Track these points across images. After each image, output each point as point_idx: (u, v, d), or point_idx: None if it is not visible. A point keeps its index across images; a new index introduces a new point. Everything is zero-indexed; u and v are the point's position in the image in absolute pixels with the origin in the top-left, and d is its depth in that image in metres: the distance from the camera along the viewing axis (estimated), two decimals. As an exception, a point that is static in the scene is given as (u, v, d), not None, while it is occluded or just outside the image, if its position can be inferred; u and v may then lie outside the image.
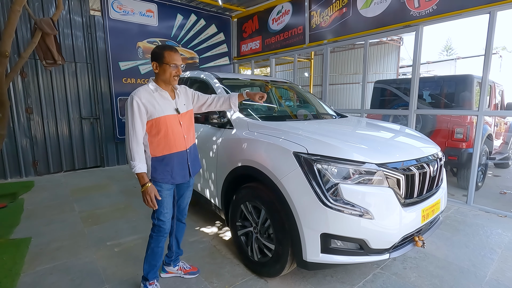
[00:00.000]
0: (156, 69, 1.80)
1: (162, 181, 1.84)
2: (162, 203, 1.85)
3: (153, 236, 1.91)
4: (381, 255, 1.80)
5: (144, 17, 5.76)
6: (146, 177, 1.76)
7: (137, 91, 1.76)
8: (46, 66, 3.87)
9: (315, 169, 1.75)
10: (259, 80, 3.75)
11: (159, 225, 1.89)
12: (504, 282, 2.16)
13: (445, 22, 3.67)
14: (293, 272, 2.22)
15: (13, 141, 4.81)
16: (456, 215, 3.41)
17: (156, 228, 1.90)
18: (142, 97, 1.74)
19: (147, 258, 1.95)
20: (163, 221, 1.88)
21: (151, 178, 1.81)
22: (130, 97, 1.73)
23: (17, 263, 2.36)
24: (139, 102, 1.72)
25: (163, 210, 1.87)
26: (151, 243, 1.93)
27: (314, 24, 5.19)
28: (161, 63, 1.77)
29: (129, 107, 1.73)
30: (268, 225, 2.02)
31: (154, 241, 1.92)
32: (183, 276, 2.19)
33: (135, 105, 1.71)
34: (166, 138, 1.82)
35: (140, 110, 1.72)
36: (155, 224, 1.90)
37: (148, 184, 1.75)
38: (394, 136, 2.43)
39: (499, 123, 5.41)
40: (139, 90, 1.77)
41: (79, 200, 3.85)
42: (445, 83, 4.90)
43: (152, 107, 1.75)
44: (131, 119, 1.72)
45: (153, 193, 1.77)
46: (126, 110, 1.76)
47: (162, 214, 1.87)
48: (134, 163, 1.72)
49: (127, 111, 1.74)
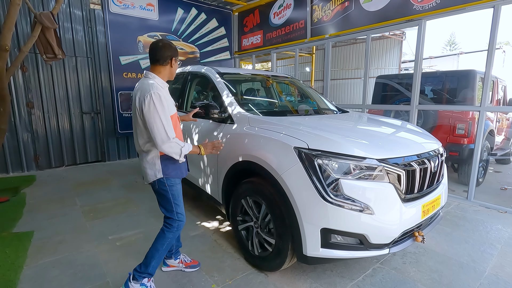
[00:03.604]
0: (172, 66, 1.82)
1: (176, 176, 1.85)
2: (179, 198, 1.89)
3: (173, 231, 1.89)
4: (381, 250, 1.81)
5: (145, 11, 5.71)
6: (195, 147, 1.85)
7: (153, 87, 1.68)
8: (47, 60, 3.86)
9: (315, 164, 1.75)
10: (260, 75, 3.73)
11: (180, 219, 1.89)
12: (503, 277, 2.17)
13: (449, 17, 3.63)
14: (293, 267, 2.23)
15: (14, 135, 4.82)
16: (457, 210, 3.41)
17: (177, 223, 1.89)
18: (162, 93, 1.69)
19: (159, 255, 1.89)
20: (183, 214, 1.92)
21: (164, 175, 1.80)
22: (155, 94, 1.64)
23: (20, 256, 2.38)
24: (162, 98, 1.67)
25: (179, 203, 1.90)
26: (169, 238, 1.89)
27: (315, 18, 5.14)
28: (176, 60, 1.82)
29: (156, 103, 1.64)
30: (269, 219, 2.03)
31: (173, 236, 1.90)
32: (184, 270, 2.20)
33: (164, 101, 1.67)
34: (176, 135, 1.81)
35: (164, 106, 1.68)
36: (176, 219, 1.88)
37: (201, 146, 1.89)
38: (395, 131, 2.42)
39: (501, 118, 5.39)
40: (154, 86, 1.69)
41: (80, 194, 3.88)
42: (447, 78, 4.86)
43: (168, 103, 1.73)
44: (163, 111, 1.66)
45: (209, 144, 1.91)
46: (148, 108, 1.64)
47: (180, 208, 1.90)
48: (183, 149, 1.73)
49: (154, 108, 1.64)
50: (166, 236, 1.89)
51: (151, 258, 1.88)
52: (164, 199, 1.88)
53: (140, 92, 1.71)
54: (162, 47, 1.77)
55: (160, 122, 1.65)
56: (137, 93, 1.73)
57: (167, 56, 1.78)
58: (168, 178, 1.82)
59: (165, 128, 1.66)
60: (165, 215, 1.92)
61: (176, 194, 1.87)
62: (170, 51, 1.78)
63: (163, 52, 1.77)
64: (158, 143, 1.67)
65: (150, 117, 1.65)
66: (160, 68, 1.80)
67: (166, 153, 1.72)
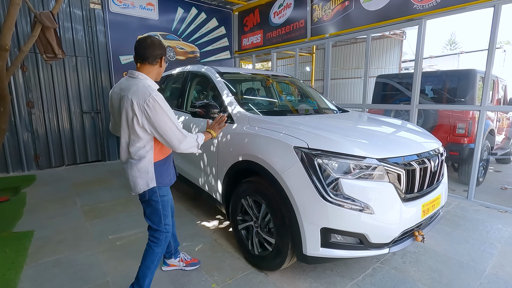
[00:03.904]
0: (161, 65, 1.69)
1: (167, 183, 1.76)
2: (168, 208, 1.79)
3: (161, 244, 1.78)
4: (380, 250, 1.81)
5: (145, 10, 5.72)
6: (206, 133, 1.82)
7: (152, 89, 1.56)
8: (47, 60, 3.86)
9: (315, 164, 1.75)
10: (260, 75, 3.73)
11: (167, 231, 1.80)
12: (503, 276, 2.17)
13: (449, 16, 3.63)
14: (293, 266, 2.23)
15: (14, 135, 4.82)
16: (457, 210, 3.41)
17: (164, 236, 1.79)
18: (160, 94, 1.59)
19: (151, 272, 1.79)
20: (169, 225, 1.82)
21: (157, 184, 1.67)
22: (157, 96, 1.54)
23: (20, 256, 2.38)
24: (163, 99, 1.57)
25: (168, 214, 1.80)
26: (158, 253, 1.78)
27: (316, 17, 5.13)
28: (164, 58, 1.69)
29: (162, 105, 1.53)
30: (269, 219, 2.03)
31: (162, 250, 1.80)
32: (184, 268, 2.20)
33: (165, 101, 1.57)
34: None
35: (168, 105, 1.58)
36: (163, 231, 1.78)
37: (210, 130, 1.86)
38: (395, 131, 2.42)
39: (501, 118, 5.38)
40: (151, 87, 1.57)
41: (81, 194, 3.88)
42: (448, 77, 4.86)
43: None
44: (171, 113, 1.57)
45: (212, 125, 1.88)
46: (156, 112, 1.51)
47: (168, 219, 1.80)
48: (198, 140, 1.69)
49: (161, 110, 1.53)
50: (155, 252, 1.77)
51: (144, 277, 1.77)
52: (153, 211, 1.75)
53: (136, 96, 1.52)
54: (152, 44, 1.62)
55: (172, 123, 1.56)
56: (129, 96, 1.53)
57: (157, 54, 1.63)
58: (160, 187, 1.71)
59: (178, 127, 1.59)
60: (152, 228, 1.78)
61: (166, 204, 1.77)
62: (160, 49, 1.64)
63: (153, 50, 1.62)
64: (176, 145, 1.59)
65: (160, 121, 1.53)
66: (150, 68, 1.65)
67: (184, 151, 1.65)
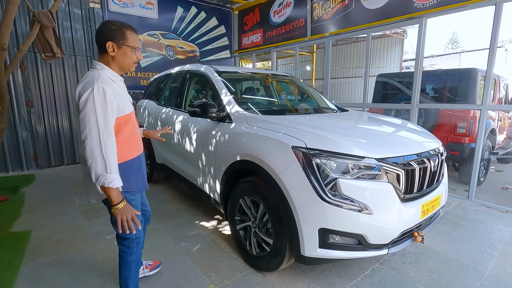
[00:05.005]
0: (113, 52, 1.45)
1: (137, 189, 1.59)
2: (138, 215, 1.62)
3: (134, 252, 1.65)
4: (379, 250, 1.79)
5: (144, 10, 5.69)
6: (118, 194, 1.39)
7: (99, 78, 1.36)
8: (45, 59, 3.84)
9: (313, 164, 1.73)
10: (259, 74, 3.71)
11: (137, 237, 1.65)
12: (504, 277, 2.15)
13: (450, 14, 3.60)
14: (291, 267, 2.22)
15: (14, 134, 4.81)
16: (457, 210, 3.39)
17: (135, 242, 1.64)
18: (109, 88, 1.37)
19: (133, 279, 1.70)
20: (140, 230, 1.67)
21: (124, 189, 1.50)
22: (98, 88, 1.32)
23: (18, 256, 2.37)
24: (110, 93, 1.35)
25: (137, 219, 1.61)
26: (133, 261, 1.66)
27: (316, 16, 5.10)
28: (121, 45, 1.45)
29: (96, 99, 1.31)
30: (267, 219, 2.02)
31: (136, 256, 1.68)
32: (148, 274, 2.09)
33: (108, 97, 1.33)
34: (134, 138, 1.57)
35: (112, 103, 1.36)
36: (133, 238, 1.62)
37: (125, 201, 1.41)
38: (395, 130, 2.40)
39: (502, 117, 5.35)
40: (101, 77, 1.37)
41: (79, 194, 3.86)
42: (449, 77, 4.82)
43: (120, 99, 1.44)
44: (103, 114, 1.32)
45: (132, 211, 1.42)
46: (85, 104, 1.30)
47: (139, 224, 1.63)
48: (111, 176, 1.32)
49: (92, 104, 1.30)
50: (129, 260, 1.65)
51: (127, 286, 1.71)
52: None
53: (80, 86, 1.37)
54: (98, 31, 1.44)
55: (96, 127, 1.30)
56: (78, 87, 1.38)
57: (101, 40, 1.43)
58: (128, 191, 1.54)
59: (100, 132, 1.30)
60: (120, 236, 1.62)
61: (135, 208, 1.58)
62: (103, 34, 1.43)
63: (98, 36, 1.44)
64: (87, 156, 1.31)
65: (84, 117, 1.31)
66: (106, 57, 1.47)
67: (88, 165, 1.32)
